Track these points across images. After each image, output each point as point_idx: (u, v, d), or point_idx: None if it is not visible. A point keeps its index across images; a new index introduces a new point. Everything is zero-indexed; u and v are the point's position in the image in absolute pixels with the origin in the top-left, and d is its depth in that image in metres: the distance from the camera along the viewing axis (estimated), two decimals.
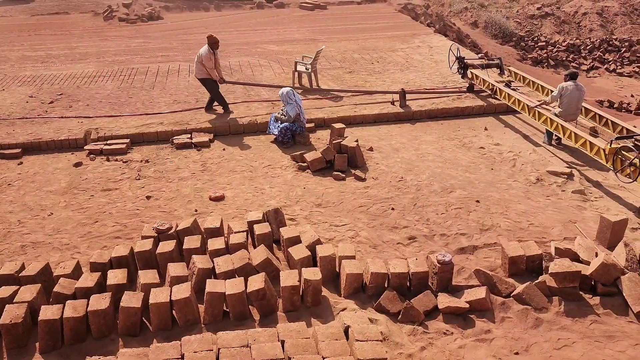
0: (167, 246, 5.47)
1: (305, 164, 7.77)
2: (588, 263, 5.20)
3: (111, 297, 4.74)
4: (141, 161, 8.19)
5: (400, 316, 4.83)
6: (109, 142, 8.71)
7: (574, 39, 19.03)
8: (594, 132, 8.14)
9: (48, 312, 4.53)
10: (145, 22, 19.49)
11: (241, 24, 18.78)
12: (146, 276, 5.07)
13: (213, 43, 9.45)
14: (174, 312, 4.72)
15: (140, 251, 5.42)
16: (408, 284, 5.15)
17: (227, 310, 4.84)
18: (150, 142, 8.93)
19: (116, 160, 8.25)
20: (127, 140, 8.73)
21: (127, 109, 10.13)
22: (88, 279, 5.01)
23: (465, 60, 10.83)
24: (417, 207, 6.65)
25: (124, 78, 12.17)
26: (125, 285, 5.03)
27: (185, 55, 13.91)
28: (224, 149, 8.60)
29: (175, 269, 5.12)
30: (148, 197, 7.09)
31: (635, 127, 7.86)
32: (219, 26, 18.44)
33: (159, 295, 4.69)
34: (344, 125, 8.57)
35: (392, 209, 6.64)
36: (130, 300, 4.66)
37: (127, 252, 5.43)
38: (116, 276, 5.08)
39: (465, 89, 10.65)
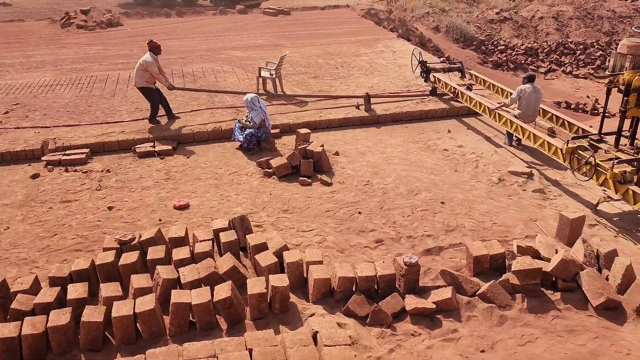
0: (130, 257, 5.33)
1: (271, 170, 7.73)
2: (549, 260, 5.33)
3: (72, 312, 4.60)
4: (102, 171, 8.00)
5: (368, 319, 4.84)
6: (67, 152, 8.48)
7: (532, 42, 19.61)
8: (551, 133, 8.38)
9: (5, 330, 4.37)
10: (105, 28, 19.08)
11: (204, 30, 18.61)
12: (108, 289, 4.93)
13: (155, 48, 9.22)
14: (138, 324, 4.61)
15: (102, 263, 5.27)
16: (376, 287, 5.17)
17: (194, 320, 4.76)
18: (111, 152, 8.73)
19: (75, 170, 8.02)
20: (87, 150, 8.51)
21: (87, 117, 9.88)
22: (47, 294, 4.84)
23: (427, 64, 11.01)
24: (384, 210, 6.70)
25: (83, 86, 11.88)
26: (86, 299, 4.88)
27: None
28: (188, 157, 8.48)
29: (138, 280, 5.00)
30: (110, 208, 6.92)
31: (591, 127, 8.12)
32: (180, 32, 18.22)
33: (122, 308, 4.56)
34: (309, 131, 8.57)
35: (359, 212, 6.67)
36: (92, 314, 4.53)
37: (88, 265, 5.26)
38: (77, 290, 4.92)
39: (428, 93, 10.82)
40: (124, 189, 7.45)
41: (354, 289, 5.11)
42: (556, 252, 5.42)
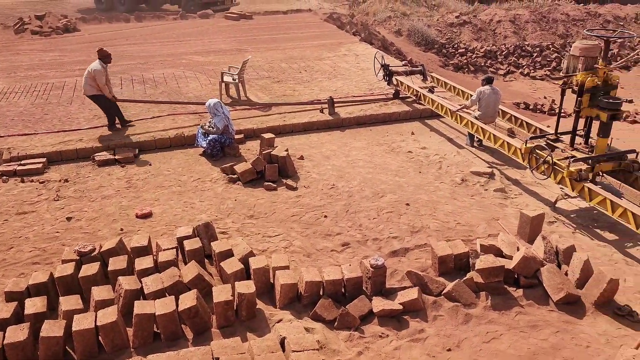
0: (90, 269, 5.17)
1: (235, 176, 7.66)
2: (511, 257, 5.45)
3: (30, 327, 4.43)
4: (60, 181, 7.75)
5: (336, 323, 4.84)
6: (23, 162, 8.19)
7: (491, 45, 20.10)
8: (511, 133, 8.59)
9: None
10: (61, 34, 18.55)
11: (164, 35, 18.32)
12: (68, 302, 4.77)
13: (106, 56, 8.99)
14: (100, 338, 4.48)
15: (61, 276, 5.10)
16: (343, 290, 5.17)
17: (158, 331, 4.65)
18: (69, 160, 8.47)
19: (32, 181, 7.75)
20: (44, 160, 8.23)
21: (43, 126, 9.56)
22: (3, 310, 4.66)
23: (390, 68, 11.13)
24: (350, 214, 6.72)
25: (39, 94, 11.50)
26: (45, 313, 4.71)
27: None
28: (150, 164, 8.31)
29: (99, 292, 4.86)
30: (68, 219, 6.71)
31: (548, 127, 8.38)
32: (140, 37, 17.89)
33: (82, 322, 4.42)
34: (273, 135, 8.53)
35: (325, 216, 6.67)
36: (51, 329, 4.37)
37: (47, 278, 5.08)
38: (35, 304, 4.75)
39: (391, 96, 10.93)
40: (83, 199, 7.24)
41: (321, 293, 5.10)
42: (518, 250, 5.55)
